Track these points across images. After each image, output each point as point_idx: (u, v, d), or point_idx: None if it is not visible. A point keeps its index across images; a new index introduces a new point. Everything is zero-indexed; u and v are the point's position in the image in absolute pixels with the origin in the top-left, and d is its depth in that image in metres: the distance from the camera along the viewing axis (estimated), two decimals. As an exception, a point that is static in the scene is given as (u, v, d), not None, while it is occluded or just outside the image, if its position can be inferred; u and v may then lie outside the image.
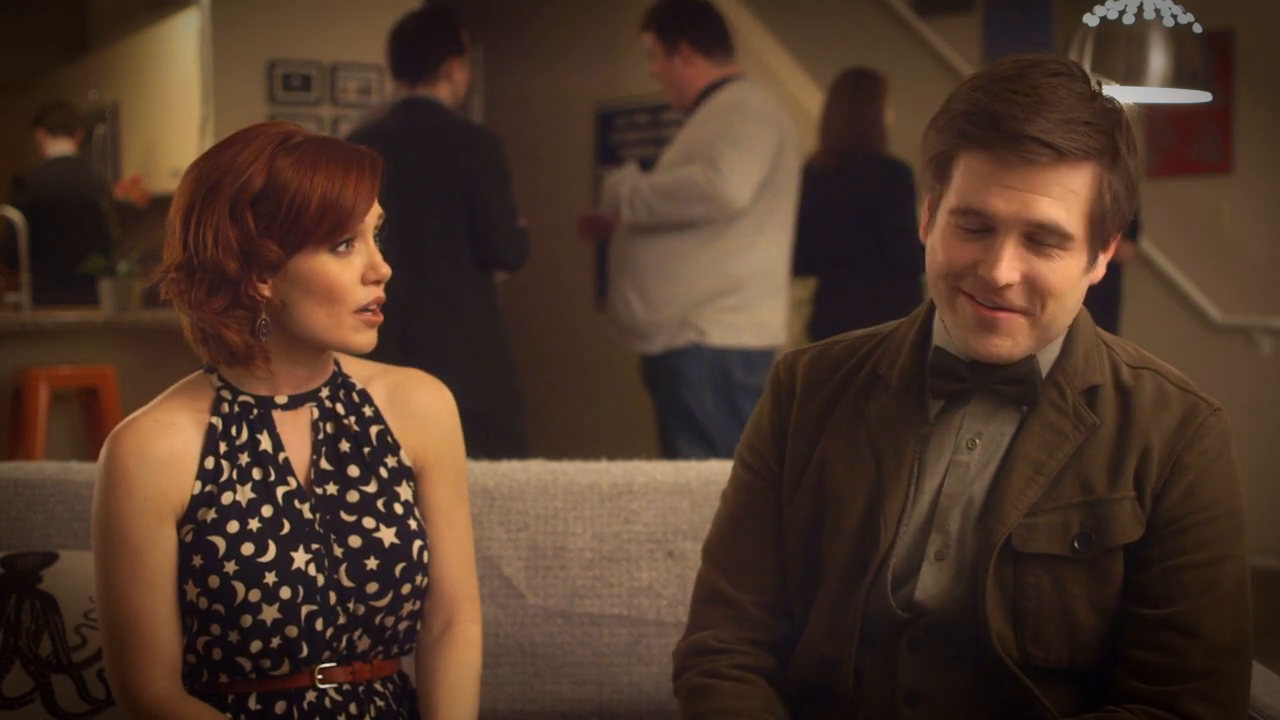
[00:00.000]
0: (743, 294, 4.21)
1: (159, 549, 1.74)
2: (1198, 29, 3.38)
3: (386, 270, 1.76)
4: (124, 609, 1.73)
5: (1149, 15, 3.34)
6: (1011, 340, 1.59)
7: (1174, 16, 3.35)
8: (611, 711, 2.25)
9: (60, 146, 7.01)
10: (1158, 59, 3.33)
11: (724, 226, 4.15)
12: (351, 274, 1.73)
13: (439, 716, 1.80)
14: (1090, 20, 3.41)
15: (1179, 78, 3.35)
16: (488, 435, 3.84)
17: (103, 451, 1.77)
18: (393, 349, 2.16)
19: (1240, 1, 6.19)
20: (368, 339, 1.77)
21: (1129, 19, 3.35)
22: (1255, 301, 6.35)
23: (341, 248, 1.73)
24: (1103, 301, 5.49)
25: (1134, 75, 3.34)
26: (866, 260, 4.70)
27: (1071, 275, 1.58)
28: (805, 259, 4.62)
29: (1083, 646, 1.60)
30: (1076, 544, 1.59)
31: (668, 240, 4.20)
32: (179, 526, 1.75)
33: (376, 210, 1.76)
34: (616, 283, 4.32)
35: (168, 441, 1.76)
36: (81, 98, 8.61)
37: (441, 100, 4.15)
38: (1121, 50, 3.35)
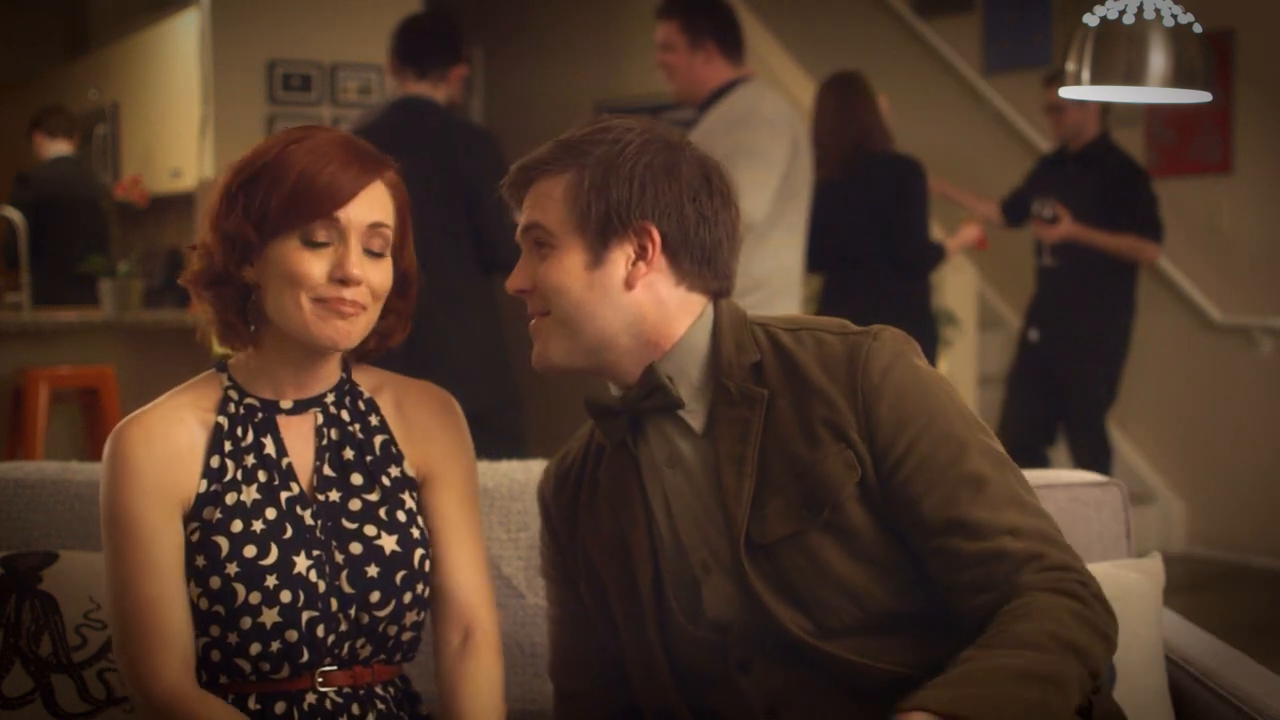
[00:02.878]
0: (763, 292, 4.23)
1: (168, 539, 1.74)
2: (1198, 29, 3.37)
3: (355, 273, 1.72)
4: (134, 599, 1.72)
5: (1149, 15, 3.34)
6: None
7: (1174, 16, 3.35)
8: (611, 711, 2.24)
9: (59, 148, 7.02)
10: (1158, 59, 3.33)
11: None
12: (319, 266, 1.73)
13: None
14: (1090, 20, 3.41)
15: (1179, 78, 3.35)
16: (488, 435, 3.84)
17: (107, 446, 1.77)
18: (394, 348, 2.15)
19: (1240, 1, 6.19)
20: (336, 332, 1.74)
21: (1129, 19, 3.34)
22: (1255, 301, 6.36)
23: (316, 243, 1.72)
24: (1117, 305, 5.52)
25: (1134, 75, 3.34)
26: (875, 259, 4.70)
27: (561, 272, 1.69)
28: (816, 257, 4.62)
29: (866, 596, 1.62)
30: (805, 512, 1.62)
31: None
32: (185, 523, 1.76)
33: (367, 214, 1.74)
34: None
35: (174, 436, 1.76)
36: (81, 98, 8.61)
37: (438, 100, 4.16)
38: (1121, 50, 3.35)
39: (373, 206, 1.76)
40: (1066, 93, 3.58)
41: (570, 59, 7.70)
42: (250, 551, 1.73)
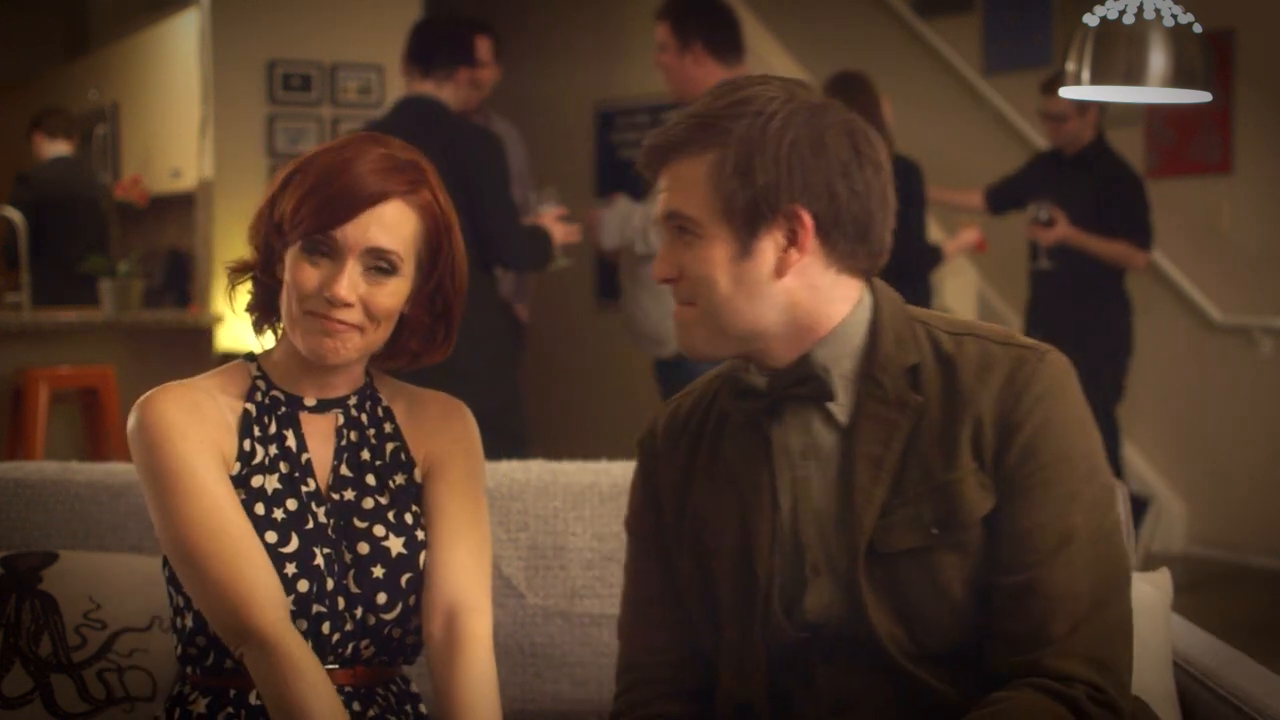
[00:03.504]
0: None
1: (226, 486, 1.73)
2: (1198, 29, 3.38)
3: (341, 294, 1.71)
4: (216, 546, 1.68)
5: (1149, 15, 3.34)
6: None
7: (1174, 16, 3.35)
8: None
9: (58, 148, 7.03)
10: (1158, 59, 3.33)
11: None
12: (313, 279, 1.73)
13: None
14: (1090, 20, 3.41)
15: (1179, 78, 3.35)
16: (492, 435, 3.85)
17: (135, 417, 1.74)
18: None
19: (1240, 1, 6.19)
20: (319, 346, 1.74)
21: (1129, 19, 3.35)
22: (1255, 301, 6.35)
23: (317, 254, 1.73)
24: (1117, 307, 5.52)
25: (1134, 75, 3.34)
26: None
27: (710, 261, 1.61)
28: None
29: (970, 626, 1.58)
30: (934, 530, 1.57)
31: None
32: None
33: (369, 238, 1.72)
34: (630, 292, 4.38)
35: (206, 406, 1.77)
36: (81, 98, 8.62)
37: (443, 100, 4.17)
38: (1121, 50, 3.35)
39: (380, 229, 1.73)
40: (1066, 93, 3.58)
41: (570, 59, 7.70)
42: (272, 538, 1.73)
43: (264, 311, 1.83)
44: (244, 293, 1.84)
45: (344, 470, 1.82)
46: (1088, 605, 1.55)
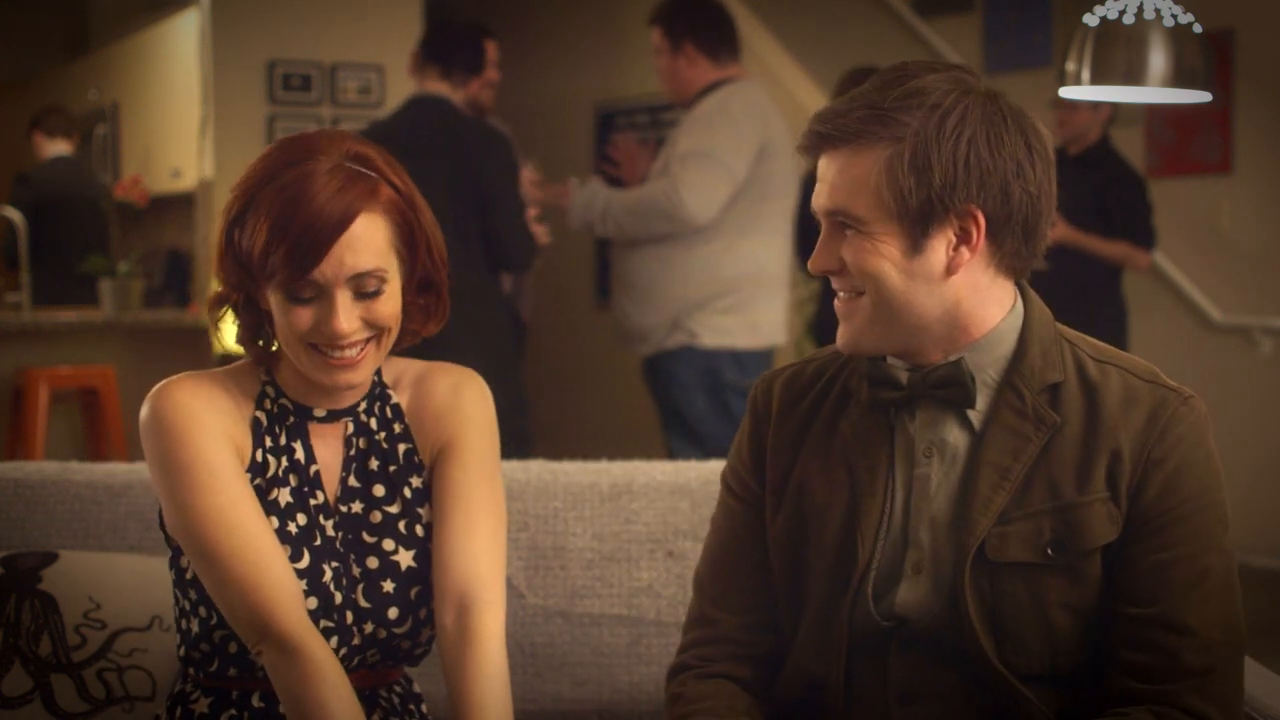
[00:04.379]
0: (735, 296, 4.25)
1: (244, 480, 1.70)
2: (1198, 29, 3.37)
3: (341, 329, 1.65)
4: (237, 541, 1.65)
5: (1149, 15, 3.34)
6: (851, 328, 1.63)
7: (1174, 16, 3.35)
8: (611, 711, 2.24)
9: (58, 148, 7.02)
10: (1158, 59, 3.33)
11: (707, 233, 4.21)
12: (306, 318, 1.67)
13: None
14: (1090, 20, 3.41)
15: (1179, 78, 3.35)
16: (499, 435, 3.86)
17: (149, 408, 1.70)
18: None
19: (1240, 1, 6.19)
20: (334, 379, 1.70)
21: (1129, 19, 3.34)
22: (1255, 301, 6.35)
23: (304, 293, 1.65)
24: (1112, 309, 5.52)
25: (1134, 75, 3.34)
26: None
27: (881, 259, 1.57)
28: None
29: (1062, 652, 1.58)
30: (1050, 550, 1.57)
31: (655, 248, 4.29)
32: None
33: (352, 265, 1.65)
34: (615, 290, 4.40)
35: (221, 399, 1.73)
36: (81, 98, 8.61)
37: (454, 101, 4.17)
38: (1121, 50, 3.35)
39: (355, 253, 1.65)
40: (1066, 93, 3.58)
41: (570, 59, 7.70)
42: (285, 552, 1.71)
43: (256, 337, 1.76)
44: (230, 324, 1.77)
45: (352, 481, 1.79)
46: (1222, 649, 1.56)
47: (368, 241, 1.67)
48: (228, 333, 1.79)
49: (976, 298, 1.59)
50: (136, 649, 2.01)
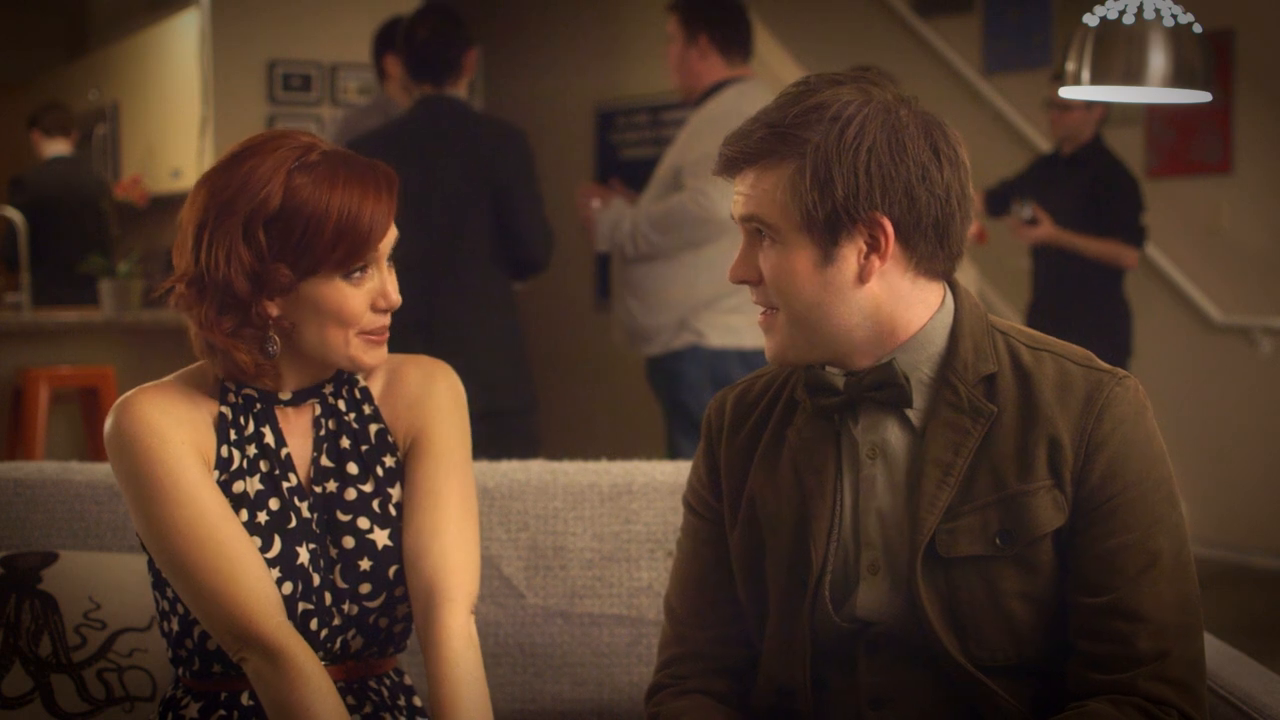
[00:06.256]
0: (742, 295, 4.23)
1: (212, 489, 1.70)
2: (1198, 29, 3.37)
3: (397, 299, 1.74)
4: (208, 552, 1.66)
5: (1149, 15, 3.34)
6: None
7: (1174, 16, 3.35)
8: (611, 711, 2.25)
9: (57, 147, 7.01)
10: (1158, 59, 3.33)
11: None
12: (362, 300, 1.72)
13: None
14: (1090, 20, 3.41)
15: (1179, 78, 3.35)
16: (507, 435, 3.86)
17: (113, 421, 1.71)
18: (418, 347, 2.15)
19: (1240, 1, 6.19)
20: (374, 357, 1.76)
21: (1129, 19, 3.34)
22: (1255, 301, 6.36)
23: (356, 274, 1.71)
24: (1115, 309, 5.52)
25: (1134, 75, 3.34)
26: None
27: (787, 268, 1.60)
28: None
29: (1025, 641, 1.59)
30: (998, 541, 1.58)
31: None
32: None
33: (393, 234, 1.74)
34: (618, 294, 4.40)
35: (181, 408, 1.74)
36: (81, 98, 8.62)
37: (463, 97, 4.16)
38: (1121, 50, 3.35)
39: (390, 228, 1.75)
40: (1066, 93, 3.58)
41: (570, 59, 7.70)
42: (255, 543, 1.72)
43: (257, 362, 1.73)
44: (234, 349, 1.72)
45: (324, 461, 1.80)
46: (1175, 631, 1.57)
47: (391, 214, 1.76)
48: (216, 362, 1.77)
49: (898, 302, 1.61)
50: (136, 649, 2.01)
